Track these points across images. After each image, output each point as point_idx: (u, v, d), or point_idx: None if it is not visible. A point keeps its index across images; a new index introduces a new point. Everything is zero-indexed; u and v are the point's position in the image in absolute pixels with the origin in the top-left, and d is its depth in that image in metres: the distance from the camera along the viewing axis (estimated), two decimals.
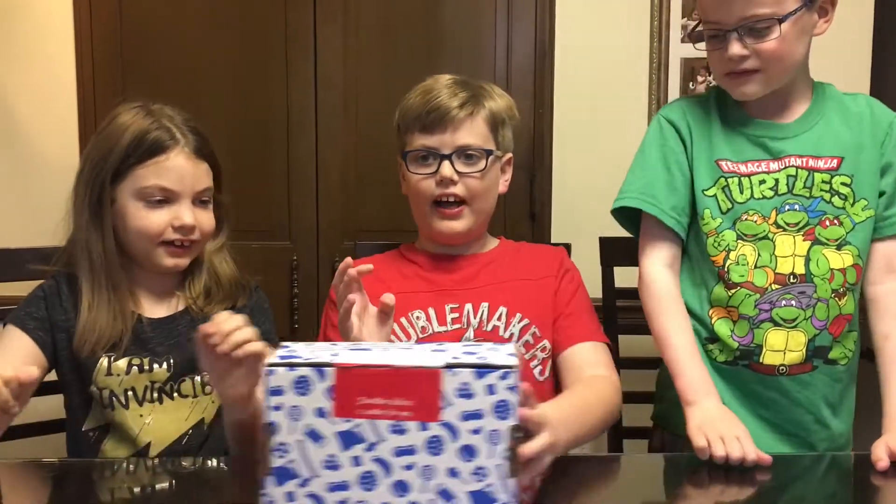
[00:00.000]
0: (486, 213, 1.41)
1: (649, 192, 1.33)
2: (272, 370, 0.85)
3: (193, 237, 1.26)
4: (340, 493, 0.86)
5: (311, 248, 1.95)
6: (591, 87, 1.98)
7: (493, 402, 0.84)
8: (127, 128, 1.24)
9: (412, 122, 1.37)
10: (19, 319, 1.25)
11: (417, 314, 1.37)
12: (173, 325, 1.29)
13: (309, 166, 1.94)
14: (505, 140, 1.41)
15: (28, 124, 1.97)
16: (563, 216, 1.98)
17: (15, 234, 1.94)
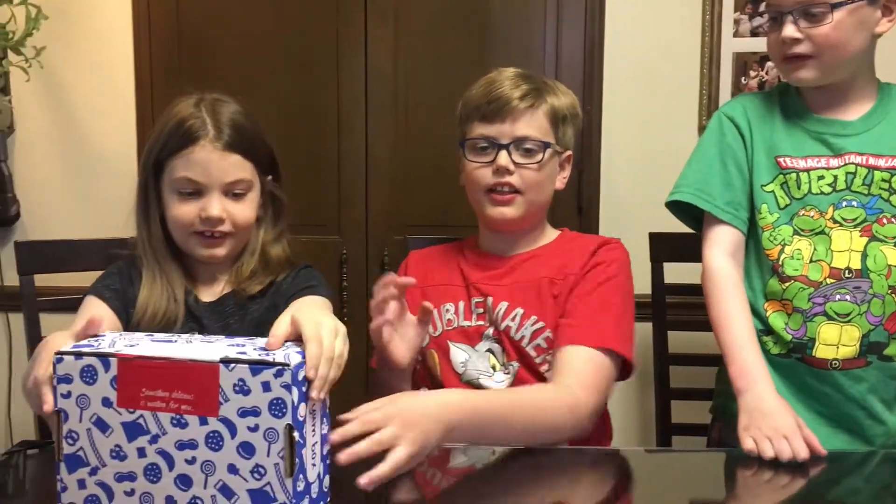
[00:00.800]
0: (539, 205, 1.40)
1: (704, 187, 1.35)
2: (60, 358, 0.87)
3: (223, 228, 1.28)
4: (128, 484, 0.88)
5: (360, 241, 1.98)
6: (641, 82, 1.97)
7: (269, 400, 0.84)
8: (172, 117, 1.28)
9: (472, 112, 1.38)
10: (97, 290, 1.30)
11: (448, 306, 1.40)
12: (221, 308, 1.33)
13: (358, 161, 1.96)
14: (565, 137, 1.40)
15: (88, 122, 2.03)
16: (612, 211, 1.97)
17: (76, 226, 2.01)
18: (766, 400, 1.20)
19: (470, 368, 1.36)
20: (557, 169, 1.41)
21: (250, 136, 1.30)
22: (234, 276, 1.34)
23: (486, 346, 1.36)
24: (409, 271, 1.46)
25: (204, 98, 1.30)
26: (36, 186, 2.04)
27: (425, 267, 1.46)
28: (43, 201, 2.04)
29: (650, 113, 1.97)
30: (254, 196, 1.31)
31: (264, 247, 1.36)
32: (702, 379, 1.60)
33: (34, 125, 2.03)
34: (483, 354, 1.36)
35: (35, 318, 1.53)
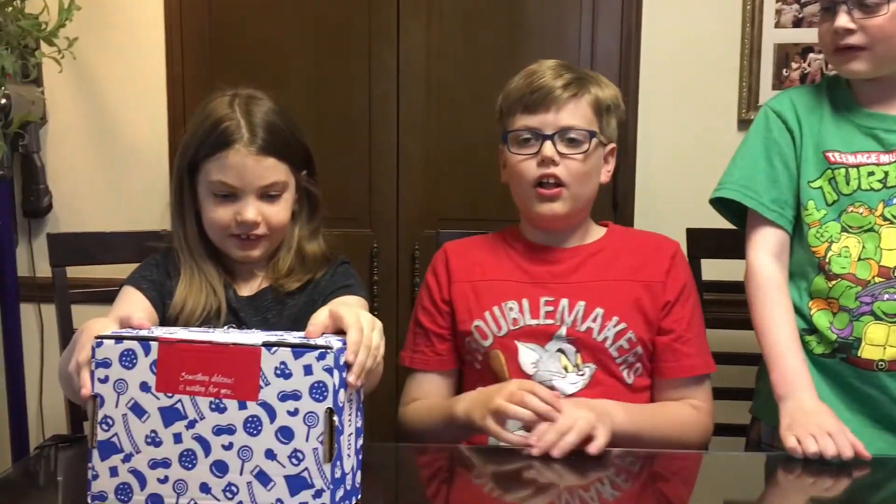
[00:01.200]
0: (585, 199, 1.36)
1: (750, 184, 1.32)
2: (100, 342, 0.88)
3: (258, 231, 1.27)
4: (161, 471, 0.87)
5: (391, 236, 1.96)
6: (679, 74, 1.93)
7: (310, 383, 0.84)
8: (207, 116, 1.26)
9: (514, 103, 1.35)
10: (134, 280, 1.30)
11: (511, 304, 1.34)
12: (259, 302, 1.32)
13: (390, 155, 1.94)
14: (609, 128, 1.37)
15: (120, 114, 2.03)
16: (647, 206, 1.93)
17: (107, 218, 2.01)
18: (808, 402, 1.17)
19: (541, 370, 1.31)
20: (602, 161, 1.38)
21: (285, 136, 1.28)
22: (272, 272, 1.33)
23: (556, 346, 1.32)
24: (452, 265, 1.41)
25: (238, 95, 1.29)
26: (68, 178, 2.05)
27: (470, 260, 1.42)
28: (75, 193, 2.05)
29: (688, 106, 1.93)
30: (289, 196, 1.30)
31: (300, 242, 1.34)
32: (741, 378, 1.57)
33: (66, 116, 2.03)
34: (554, 355, 1.32)
35: (67, 310, 1.53)
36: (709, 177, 1.86)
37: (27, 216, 2.03)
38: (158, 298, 1.29)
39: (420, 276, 1.92)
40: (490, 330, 1.33)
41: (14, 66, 1.48)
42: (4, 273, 1.94)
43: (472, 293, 1.37)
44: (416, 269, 1.93)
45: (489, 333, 1.33)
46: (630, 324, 1.31)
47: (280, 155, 1.27)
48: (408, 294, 1.95)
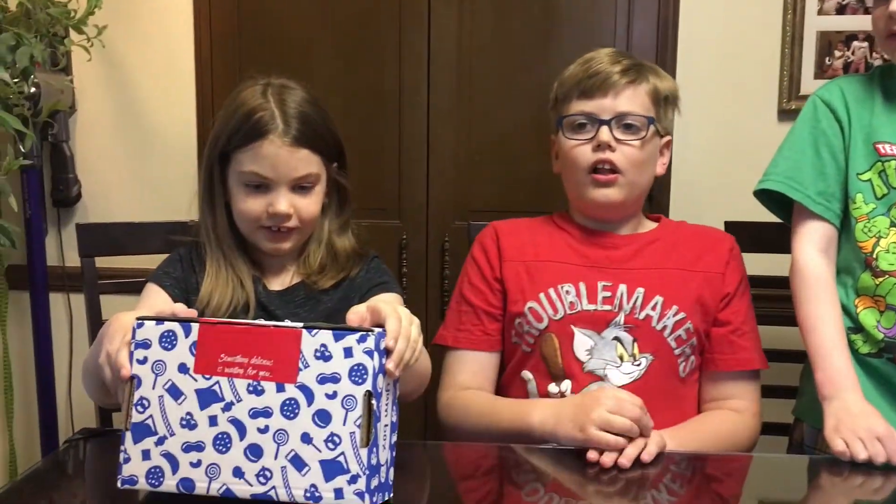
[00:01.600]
0: (640, 187, 1.34)
1: (796, 176, 1.28)
2: (141, 323, 0.88)
3: (290, 224, 1.25)
4: (195, 454, 0.86)
5: (420, 227, 1.93)
6: (718, 62, 1.87)
7: (350, 366, 0.84)
8: (240, 106, 1.24)
9: (571, 89, 1.33)
10: (157, 277, 1.29)
11: (567, 287, 1.31)
12: (291, 297, 1.30)
13: (420, 145, 1.91)
14: (666, 119, 1.35)
15: (148, 102, 2.02)
16: (683, 198, 1.89)
17: (137, 208, 2.01)
18: (855, 403, 1.13)
19: (596, 357, 1.28)
20: (658, 151, 1.35)
21: (318, 127, 1.26)
22: (303, 267, 1.31)
23: (613, 333, 1.29)
24: (503, 243, 1.37)
25: (271, 84, 1.26)
26: (97, 167, 2.04)
27: (522, 239, 1.38)
28: (104, 182, 2.04)
29: (726, 96, 1.88)
30: (320, 189, 1.28)
31: (330, 236, 1.32)
32: (783, 376, 1.52)
33: (95, 105, 2.02)
34: (610, 343, 1.28)
35: (96, 301, 1.53)
36: (748, 169, 1.82)
37: (56, 205, 2.03)
38: (182, 295, 1.27)
39: (450, 268, 1.89)
40: (546, 313, 1.30)
41: (43, 54, 1.47)
42: (34, 262, 1.94)
43: (525, 273, 1.34)
44: (446, 261, 1.90)
45: (544, 316, 1.30)
46: (689, 314, 1.28)
47: (313, 146, 1.24)
48: (437, 287, 1.93)
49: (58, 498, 1.00)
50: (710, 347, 1.32)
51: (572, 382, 1.27)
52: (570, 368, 1.27)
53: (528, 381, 1.31)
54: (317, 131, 1.25)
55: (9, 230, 1.25)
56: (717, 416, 1.29)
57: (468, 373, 1.35)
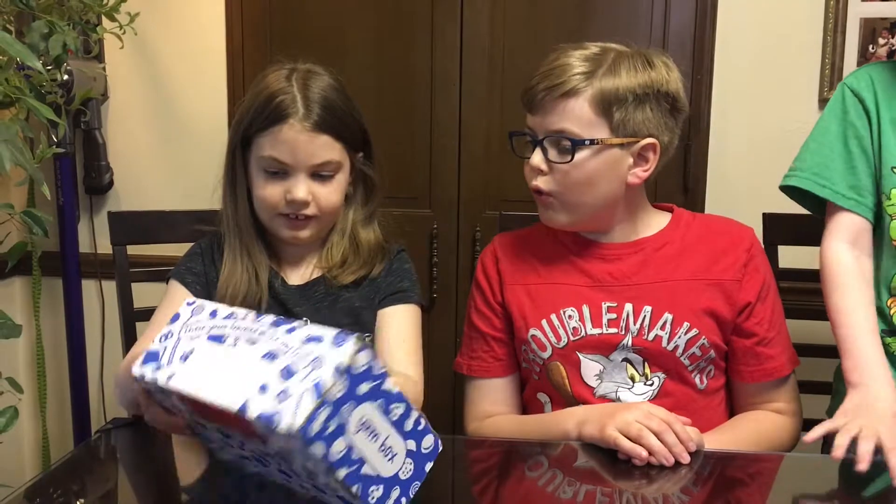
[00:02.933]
0: (588, 206, 1.20)
1: (823, 172, 1.22)
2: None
3: (308, 212, 1.22)
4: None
5: (451, 217, 1.91)
6: (757, 49, 1.83)
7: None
8: (263, 90, 1.22)
9: (522, 100, 1.23)
10: (179, 274, 1.28)
11: (570, 312, 1.23)
12: (310, 292, 1.28)
13: (452, 133, 1.89)
14: (630, 123, 1.16)
15: (180, 90, 2.02)
16: (720, 190, 1.85)
17: (168, 196, 2.01)
18: (881, 400, 1.07)
19: (606, 381, 1.22)
20: (624, 161, 1.18)
21: (341, 114, 1.23)
22: (324, 260, 1.29)
23: (621, 355, 1.22)
24: (504, 266, 1.30)
25: (296, 70, 1.24)
26: (129, 154, 2.04)
27: (522, 260, 1.30)
28: (136, 169, 2.05)
29: (766, 85, 1.83)
30: (342, 177, 1.25)
31: (354, 228, 1.30)
32: (818, 370, 1.48)
33: (127, 93, 2.02)
34: (619, 365, 1.22)
35: (128, 289, 1.53)
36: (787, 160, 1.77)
37: (88, 192, 2.04)
38: (204, 290, 1.26)
39: None
40: (549, 341, 1.23)
41: (76, 41, 1.47)
42: (66, 250, 1.96)
43: (526, 297, 1.26)
44: (477, 251, 1.88)
45: (547, 345, 1.23)
46: (702, 329, 1.20)
47: (335, 133, 1.22)
48: (467, 277, 1.91)
49: (92, 487, 1.00)
50: (736, 359, 1.25)
51: None
52: (581, 395, 1.22)
53: (544, 403, 1.28)
54: (339, 118, 1.22)
55: (41, 219, 1.24)
56: (756, 416, 1.25)
57: (489, 402, 1.30)
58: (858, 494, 1.02)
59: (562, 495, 0.99)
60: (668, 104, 1.19)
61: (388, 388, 0.80)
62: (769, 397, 1.26)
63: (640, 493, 0.99)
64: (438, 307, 1.92)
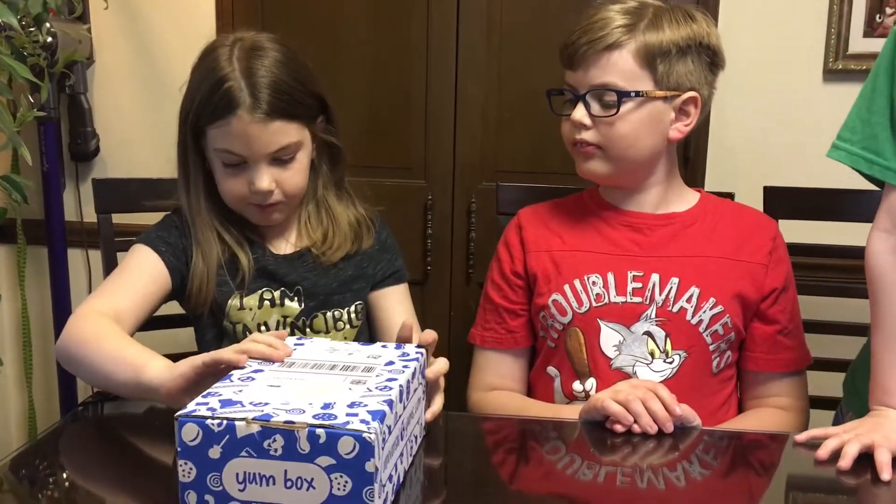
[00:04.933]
0: (631, 160, 1.22)
1: (873, 145, 1.07)
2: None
3: (274, 200, 1.19)
4: None
5: (446, 187, 1.87)
6: (760, 18, 1.78)
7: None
8: (205, 75, 1.16)
9: (560, 57, 1.24)
10: (150, 240, 1.21)
11: (594, 278, 1.23)
12: (299, 261, 1.26)
13: (447, 102, 1.84)
14: (674, 76, 1.18)
15: (168, 53, 1.96)
16: (722, 161, 1.81)
17: (156, 164, 1.95)
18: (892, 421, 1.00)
19: (624, 353, 1.21)
20: (667, 115, 1.20)
21: (292, 91, 1.17)
22: (305, 231, 1.27)
23: (643, 328, 1.21)
24: (527, 234, 1.30)
25: (238, 46, 1.17)
26: (116, 120, 1.99)
27: (547, 228, 1.30)
28: (123, 135, 1.99)
29: (769, 54, 1.78)
30: (303, 155, 1.21)
31: (326, 198, 1.28)
32: (826, 347, 1.46)
33: (114, 56, 1.97)
34: (640, 338, 1.20)
35: (113, 258, 1.49)
36: (790, 132, 1.75)
37: (74, 159, 1.99)
38: (178, 265, 1.21)
39: (476, 230, 1.84)
40: (570, 306, 1.23)
41: (58, 0, 1.41)
42: (51, 217, 1.92)
43: (551, 263, 1.26)
44: (472, 223, 1.85)
45: (568, 310, 1.23)
46: (727, 307, 1.20)
47: (288, 115, 1.16)
48: (462, 249, 1.87)
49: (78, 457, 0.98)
50: (753, 346, 1.25)
51: (598, 381, 1.21)
52: (596, 365, 1.21)
53: (554, 378, 1.26)
54: (290, 97, 1.17)
55: (19, 184, 1.21)
56: (761, 414, 1.24)
57: (495, 374, 1.31)
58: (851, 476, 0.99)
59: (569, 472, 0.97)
60: (708, 58, 1.22)
61: None
62: (778, 391, 1.25)
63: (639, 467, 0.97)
64: (433, 280, 1.89)
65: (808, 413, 1.27)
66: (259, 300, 1.24)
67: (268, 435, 0.74)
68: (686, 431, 1.04)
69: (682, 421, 1.04)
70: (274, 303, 1.24)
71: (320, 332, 1.26)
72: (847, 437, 0.97)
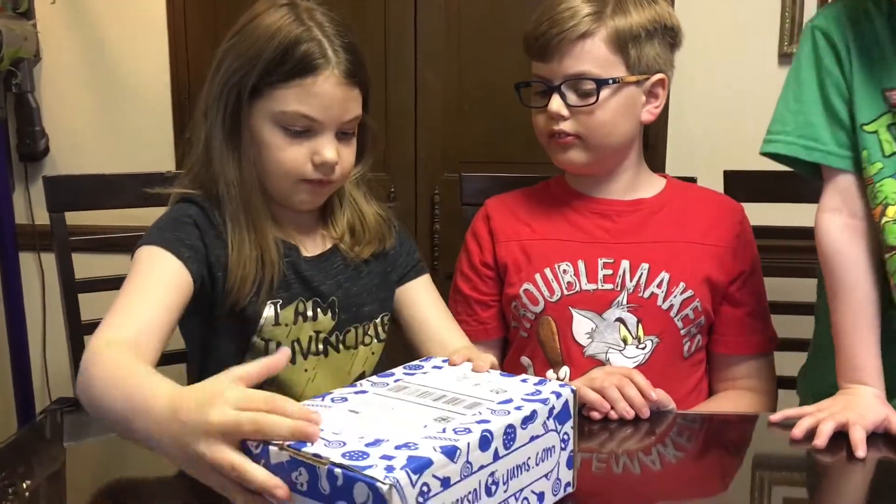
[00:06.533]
0: (612, 148, 1.22)
1: (808, 132, 1.10)
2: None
3: (334, 176, 1.07)
4: None
5: (408, 179, 1.86)
6: (715, 3, 1.80)
7: None
8: (273, 34, 1.03)
9: (527, 49, 1.22)
10: (168, 243, 1.01)
11: (564, 266, 1.22)
12: (327, 264, 1.13)
13: (408, 92, 1.83)
14: (645, 59, 1.18)
15: (118, 49, 1.93)
16: (681, 147, 1.83)
17: (108, 161, 1.92)
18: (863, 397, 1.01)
19: (597, 340, 1.20)
20: (639, 99, 1.20)
21: (363, 59, 1.08)
22: (333, 231, 1.15)
23: (615, 314, 1.20)
24: (495, 224, 1.28)
25: (298, 9, 1.06)
26: (65, 118, 1.95)
27: (516, 217, 1.29)
28: (73, 134, 1.95)
29: (725, 39, 1.80)
30: (356, 134, 1.11)
31: (351, 191, 1.17)
32: (786, 328, 1.48)
33: (61, 53, 1.92)
34: (612, 325, 1.20)
35: (68, 258, 1.43)
36: (747, 115, 1.76)
37: (23, 160, 1.94)
38: (201, 270, 1.03)
39: (440, 222, 1.83)
40: (541, 295, 1.22)
41: None
42: (1, 221, 1.86)
43: (521, 253, 1.25)
44: (436, 215, 1.83)
45: (540, 299, 1.22)
46: (697, 292, 1.20)
47: (361, 84, 1.08)
48: (427, 240, 1.86)
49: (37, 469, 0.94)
50: (722, 329, 1.25)
51: (571, 369, 1.20)
52: (570, 353, 1.20)
53: (527, 368, 1.25)
54: (363, 64, 1.08)
55: None
56: (732, 396, 1.24)
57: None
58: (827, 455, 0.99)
59: None
60: (671, 39, 1.22)
61: None
62: (747, 372, 1.26)
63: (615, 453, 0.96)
64: None
65: (776, 394, 1.28)
66: (295, 314, 1.09)
67: (294, 466, 0.65)
68: (661, 416, 1.04)
69: (657, 406, 1.04)
70: (306, 316, 1.10)
71: (351, 347, 1.14)
72: (821, 415, 0.98)
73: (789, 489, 0.93)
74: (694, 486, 0.92)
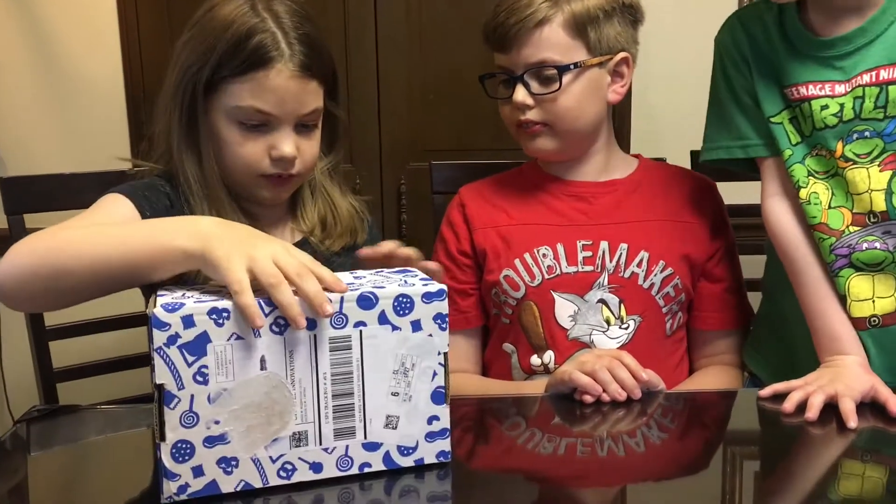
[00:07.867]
0: (578, 132, 1.21)
1: (737, 132, 1.16)
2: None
3: (293, 171, 1.06)
4: None
5: (373, 170, 1.83)
6: None
7: None
8: (226, 25, 1.02)
9: (487, 41, 1.21)
10: (133, 195, 1.02)
11: (544, 250, 1.21)
12: None
13: (370, 81, 1.80)
14: (606, 40, 1.18)
15: (67, 46, 1.87)
16: (646, 128, 1.84)
17: (60, 161, 1.85)
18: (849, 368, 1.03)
19: (580, 323, 1.20)
20: (604, 80, 1.20)
21: (321, 50, 1.06)
22: (302, 223, 1.14)
23: (597, 295, 1.20)
24: (471, 211, 1.27)
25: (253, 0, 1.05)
26: (14, 118, 1.89)
27: (492, 204, 1.28)
28: (23, 135, 1.89)
29: (687, 19, 1.82)
30: (319, 126, 1.10)
31: (322, 182, 1.15)
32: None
33: (7, 51, 1.86)
34: (594, 306, 1.20)
35: None
36: None
37: None
38: None
39: (408, 212, 1.81)
40: (522, 280, 1.21)
41: None
42: None
43: (499, 239, 1.24)
44: (403, 205, 1.81)
45: (521, 284, 1.21)
46: (676, 269, 1.21)
47: (320, 76, 1.06)
48: (394, 231, 1.84)
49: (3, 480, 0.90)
50: (701, 305, 1.26)
51: (555, 353, 1.20)
52: (553, 337, 1.20)
53: (510, 354, 1.24)
54: (321, 57, 1.06)
55: None
56: (714, 373, 1.26)
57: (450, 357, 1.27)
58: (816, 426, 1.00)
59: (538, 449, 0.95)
60: (631, 16, 1.22)
61: None
62: (726, 348, 1.27)
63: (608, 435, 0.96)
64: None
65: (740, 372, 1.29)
66: None
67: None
68: (651, 396, 1.04)
69: (648, 386, 1.04)
70: None
71: None
72: (811, 388, 0.99)
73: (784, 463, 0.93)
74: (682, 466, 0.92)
